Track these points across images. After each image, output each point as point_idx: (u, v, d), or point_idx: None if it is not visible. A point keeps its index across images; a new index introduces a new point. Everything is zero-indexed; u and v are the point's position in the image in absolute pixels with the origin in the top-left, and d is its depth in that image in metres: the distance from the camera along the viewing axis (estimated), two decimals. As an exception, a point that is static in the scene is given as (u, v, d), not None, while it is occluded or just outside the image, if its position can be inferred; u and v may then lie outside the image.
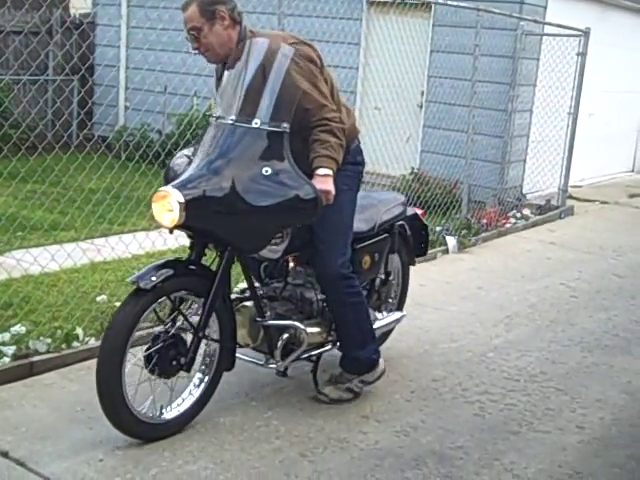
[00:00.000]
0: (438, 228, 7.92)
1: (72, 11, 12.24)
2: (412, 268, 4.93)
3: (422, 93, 10.07)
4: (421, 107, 10.12)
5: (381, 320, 4.53)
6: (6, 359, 4.20)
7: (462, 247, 7.80)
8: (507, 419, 4.18)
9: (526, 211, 9.53)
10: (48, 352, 4.34)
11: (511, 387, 4.59)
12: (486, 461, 3.72)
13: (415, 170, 9.58)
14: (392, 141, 8.74)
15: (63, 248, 5.37)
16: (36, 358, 4.26)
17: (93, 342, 4.49)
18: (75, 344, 4.48)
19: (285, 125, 3.52)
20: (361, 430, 3.89)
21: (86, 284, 5.47)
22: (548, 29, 9.86)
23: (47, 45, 10.88)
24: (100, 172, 5.57)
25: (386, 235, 4.40)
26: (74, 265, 5.65)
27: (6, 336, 4.37)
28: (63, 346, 4.44)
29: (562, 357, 5.13)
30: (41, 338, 4.41)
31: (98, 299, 5.12)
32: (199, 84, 9.74)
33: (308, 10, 7.72)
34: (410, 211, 4.72)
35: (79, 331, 4.55)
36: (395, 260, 4.69)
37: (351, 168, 3.98)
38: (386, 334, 4.73)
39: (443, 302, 6.10)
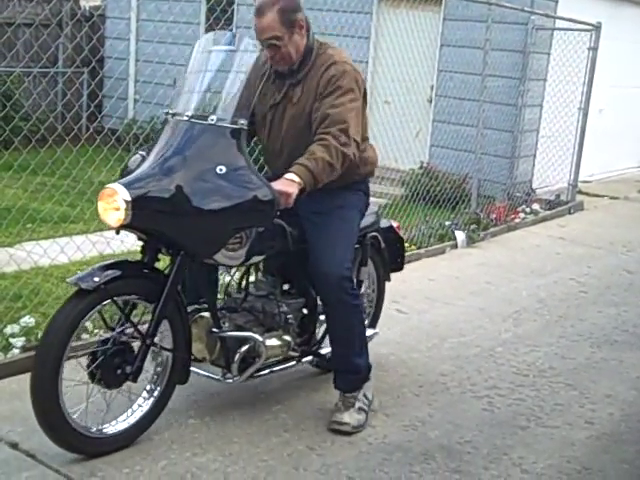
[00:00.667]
0: (447, 223, 7.91)
1: (82, 3, 12.25)
2: (420, 262, 4.93)
3: (432, 87, 10.06)
4: (431, 101, 10.11)
5: None
6: (15, 351, 4.22)
7: (471, 242, 7.78)
8: (516, 414, 4.17)
9: (535, 206, 9.52)
10: (57, 344, 4.34)
11: (520, 382, 4.58)
12: (495, 456, 3.71)
13: (424, 164, 9.58)
14: (402, 135, 8.73)
15: (73, 240, 5.38)
16: (45, 350, 4.27)
17: (102, 334, 4.49)
18: (84, 336, 4.47)
19: (242, 122, 3.38)
20: (369, 424, 3.88)
21: (95, 276, 5.47)
22: (559, 23, 9.84)
23: (57, 37, 10.90)
24: (110, 165, 5.57)
25: (357, 246, 4.10)
26: (83, 257, 5.65)
27: (15, 328, 4.39)
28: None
29: (571, 352, 5.12)
30: (50, 330, 4.41)
31: (107, 291, 5.12)
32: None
33: (319, 4, 7.70)
34: (385, 223, 4.49)
35: (88, 324, 4.55)
36: (370, 274, 4.47)
37: (364, 197, 3.96)
38: None
39: (452, 297, 6.10)
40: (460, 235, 7.70)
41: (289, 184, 3.40)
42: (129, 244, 5.86)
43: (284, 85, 3.75)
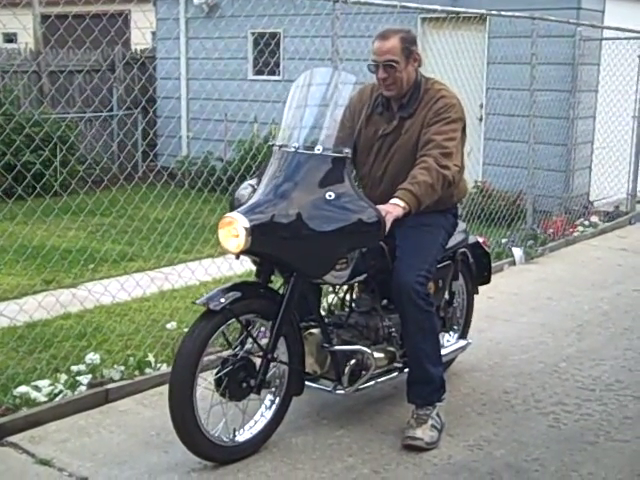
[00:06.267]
0: (504, 240, 7.84)
1: (132, 46, 12.56)
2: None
3: (481, 106, 10.01)
4: (481, 120, 10.06)
5: (446, 348, 4.50)
6: (82, 388, 4.30)
7: (529, 258, 7.70)
8: (583, 429, 4.09)
9: (594, 218, 9.37)
10: (122, 379, 4.42)
11: (586, 397, 4.50)
12: (563, 472, 3.65)
13: (478, 183, 9.51)
14: (453, 155, 8.68)
15: (132, 277, 5.49)
16: (111, 386, 4.35)
17: (165, 368, 4.56)
18: (148, 371, 4.55)
19: (347, 151, 3.60)
20: (434, 445, 3.86)
21: (155, 312, 5.57)
22: (607, 33, 9.73)
23: (109, 81, 11.16)
24: (164, 201, 5.67)
25: (449, 262, 4.35)
26: (143, 294, 5.76)
27: (81, 366, 4.48)
28: (136, 373, 4.52)
29: (639, 365, 5.01)
30: (115, 366, 4.50)
31: (168, 326, 5.20)
32: (256, 109, 9.85)
33: (361, 30, 7.74)
34: (472, 239, 4.69)
35: (151, 358, 4.63)
36: (459, 287, 4.66)
37: (452, 218, 4.17)
38: (448, 363, 4.61)
39: (512, 314, 6.03)
40: (517, 252, 7.61)
41: (394, 207, 3.61)
42: (187, 278, 5.98)
43: (394, 117, 4.00)
